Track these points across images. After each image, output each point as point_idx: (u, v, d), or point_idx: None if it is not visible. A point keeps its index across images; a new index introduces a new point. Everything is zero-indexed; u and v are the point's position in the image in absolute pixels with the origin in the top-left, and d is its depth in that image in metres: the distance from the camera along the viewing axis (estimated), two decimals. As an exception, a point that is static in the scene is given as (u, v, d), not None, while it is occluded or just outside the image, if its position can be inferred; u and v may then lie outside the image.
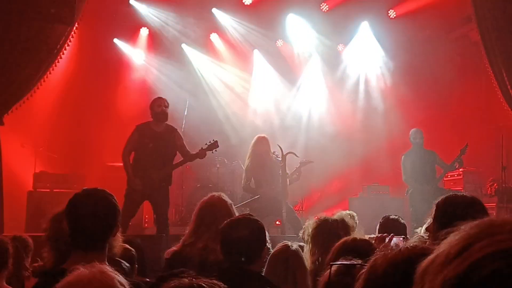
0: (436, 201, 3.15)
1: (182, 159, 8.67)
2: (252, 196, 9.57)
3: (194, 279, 1.82)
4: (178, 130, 8.82)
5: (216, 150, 8.91)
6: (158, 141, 8.43)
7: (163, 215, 8.48)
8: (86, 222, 2.95)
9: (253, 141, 9.70)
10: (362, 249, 2.78)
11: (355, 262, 2.19)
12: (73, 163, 11.29)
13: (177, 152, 8.65)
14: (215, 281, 1.91)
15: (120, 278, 1.92)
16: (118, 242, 3.77)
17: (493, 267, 0.77)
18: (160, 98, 8.72)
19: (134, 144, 8.46)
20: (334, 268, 2.21)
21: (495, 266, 0.77)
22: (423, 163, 9.98)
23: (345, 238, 2.97)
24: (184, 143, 8.71)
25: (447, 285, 0.81)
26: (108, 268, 1.94)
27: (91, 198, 3.02)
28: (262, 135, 9.80)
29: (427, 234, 3.31)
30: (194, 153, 8.62)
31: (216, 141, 8.82)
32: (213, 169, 11.65)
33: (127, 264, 3.65)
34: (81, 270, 1.90)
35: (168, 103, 8.65)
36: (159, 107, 8.49)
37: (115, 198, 3.10)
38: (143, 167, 8.36)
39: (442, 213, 3.05)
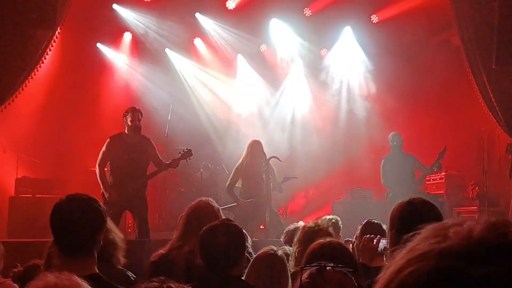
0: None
1: (156, 169, 8.68)
2: (232, 201, 9.62)
3: (164, 283, 1.82)
4: (151, 140, 8.79)
5: (190, 159, 8.89)
6: (132, 152, 8.43)
7: (144, 223, 8.52)
8: (71, 228, 2.95)
9: (248, 144, 9.70)
10: (335, 251, 2.81)
11: (326, 264, 2.22)
12: (56, 169, 11.22)
13: (151, 161, 8.68)
14: (185, 286, 1.90)
15: (85, 285, 1.92)
16: (120, 251, 3.80)
17: (414, 267, 0.79)
18: (133, 111, 8.57)
19: (108, 156, 8.47)
20: (306, 272, 2.23)
21: (416, 267, 0.79)
22: (403, 167, 10.06)
23: (318, 241, 3.00)
24: (158, 152, 8.75)
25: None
26: (75, 276, 1.93)
27: (75, 203, 3.02)
28: (257, 139, 9.83)
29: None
30: (167, 163, 8.63)
31: (190, 149, 8.80)
32: (197, 173, 11.64)
33: (133, 275, 3.64)
34: (47, 277, 1.90)
35: (142, 115, 8.60)
36: (132, 121, 8.45)
37: (100, 203, 3.10)
38: (119, 178, 8.39)
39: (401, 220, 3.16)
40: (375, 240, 3.83)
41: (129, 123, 8.45)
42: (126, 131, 8.55)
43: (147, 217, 8.63)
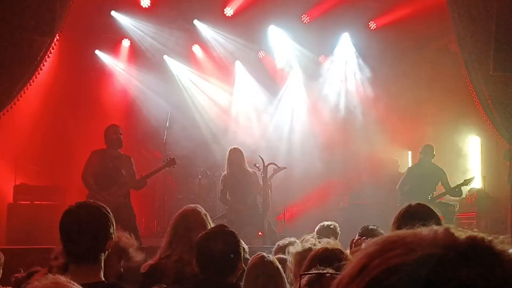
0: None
1: (136, 181, 8.87)
2: (228, 208, 9.69)
3: None
4: (132, 158, 9.07)
5: (174, 167, 9.12)
6: (116, 161, 8.74)
7: (133, 229, 8.57)
8: (80, 235, 2.95)
9: (227, 153, 9.75)
10: (333, 257, 2.80)
11: (325, 271, 2.22)
12: (54, 175, 11.20)
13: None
14: None
15: (75, 287, 1.92)
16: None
17: (387, 283, 0.78)
18: (115, 125, 8.98)
19: (93, 166, 8.67)
20: (304, 278, 2.23)
21: (389, 282, 0.78)
22: (427, 178, 9.95)
23: (317, 248, 2.99)
24: (135, 172, 8.96)
25: None
26: (63, 278, 1.93)
27: (85, 210, 3.02)
28: (235, 146, 9.86)
29: None
30: (138, 178, 8.88)
31: (173, 158, 9.12)
32: (195, 180, 11.64)
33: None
34: (35, 284, 1.90)
35: (121, 131, 8.94)
36: (115, 134, 8.76)
37: (109, 210, 3.10)
38: (105, 186, 8.56)
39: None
40: (363, 244, 3.79)
41: (112, 136, 8.75)
42: (107, 147, 8.84)
43: (136, 224, 8.76)
